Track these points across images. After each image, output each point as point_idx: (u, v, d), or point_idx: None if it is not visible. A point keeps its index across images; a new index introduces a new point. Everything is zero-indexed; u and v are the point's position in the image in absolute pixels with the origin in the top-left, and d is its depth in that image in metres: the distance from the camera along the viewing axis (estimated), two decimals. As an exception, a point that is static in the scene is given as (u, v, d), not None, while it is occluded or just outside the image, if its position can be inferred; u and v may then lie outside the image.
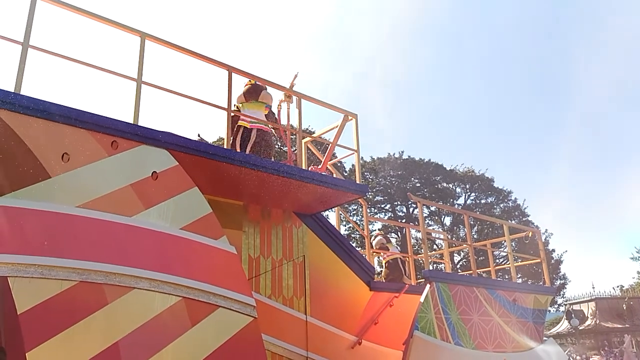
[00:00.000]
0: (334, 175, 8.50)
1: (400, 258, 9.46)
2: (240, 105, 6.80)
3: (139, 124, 4.86)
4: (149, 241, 4.58)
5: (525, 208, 40.78)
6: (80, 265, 4.12)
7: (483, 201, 40.83)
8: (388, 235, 10.15)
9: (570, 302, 38.96)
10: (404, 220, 35.97)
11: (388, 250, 9.60)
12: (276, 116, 7.36)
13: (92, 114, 4.50)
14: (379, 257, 9.15)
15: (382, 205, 39.48)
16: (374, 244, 9.66)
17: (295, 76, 7.38)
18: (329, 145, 7.79)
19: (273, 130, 7.18)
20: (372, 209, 38.14)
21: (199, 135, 6.72)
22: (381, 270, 9.00)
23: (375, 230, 33.99)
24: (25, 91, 4.30)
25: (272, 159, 6.69)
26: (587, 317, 36.57)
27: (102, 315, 4.13)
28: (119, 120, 4.65)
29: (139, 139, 4.75)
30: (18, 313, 3.79)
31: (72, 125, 4.37)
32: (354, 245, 8.67)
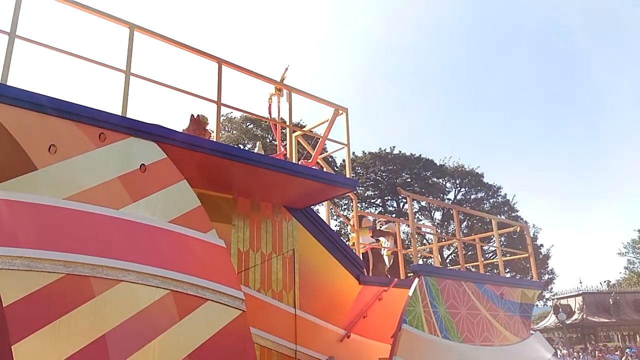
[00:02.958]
0: (324, 170, 8.49)
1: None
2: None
3: (127, 116, 4.82)
4: (136, 234, 4.55)
5: (514, 203, 41.08)
6: (67, 257, 4.10)
7: (473, 196, 41.03)
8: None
9: (558, 296, 39.36)
10: (394, 215, 36.07)
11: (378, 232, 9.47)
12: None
13: (80, 105, 4.46)
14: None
15: (373, 200, 39.56)
16: (363, 222, 9.36)
17: (286, 69, 7.35)
18: (319, 139, 7.79)
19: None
20: (363, 203, 38.21)
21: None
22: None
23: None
24: (11, 82, 4.26)
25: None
26: (574, 311, 36.97)
27: (89, 308, 4.11)
28: (106, 112, 4.62)
29: (127, 131, 4.72)
30: (4, 305, 3.76)
31: (59, 117, 4.33)
32: (344, 239, 8.68)
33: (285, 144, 7.62)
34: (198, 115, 6.18)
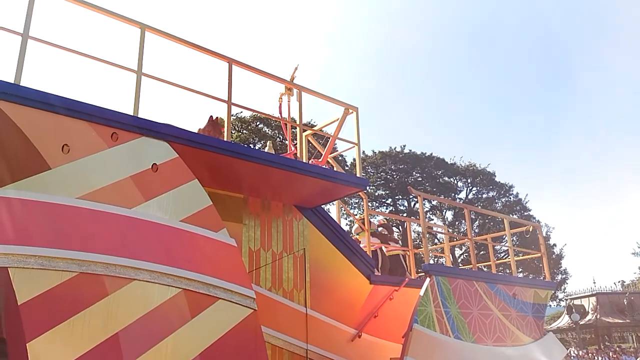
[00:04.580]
0: (335, 169, 8.48)
1: (401, 254, 9.41)
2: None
3: (139, 116, 4.85)
4: (149, 233, 4.58)
5: (526, 202, 40.75)
6: (81, 256, 4.13)
7: (484, 195, 40.79)
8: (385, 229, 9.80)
9: (571, 297, 39.01)
10: (405, 215, 35.97)
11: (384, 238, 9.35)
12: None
13: (92, 105, 4.50)
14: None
15: (384, 200, 39.48)
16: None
17: (296, 69, 7.35)
18: (329, 138, 7.78)
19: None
20: (374, 202, 38.15)
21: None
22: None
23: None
24: (25, 82, 4.30)
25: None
26: (588, 312, 36.61)
27: (102, 306, 4.14)
28: (119, 112, 4.65)
29: (139, 130, 4.75)
30: (18, 304, 3.80)
31: (72, 117, 4.37)
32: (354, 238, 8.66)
33: (296, 144, 7.62)
34: (217, 117, 6.20)
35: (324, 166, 7.67)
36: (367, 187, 7.30)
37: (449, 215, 39.30)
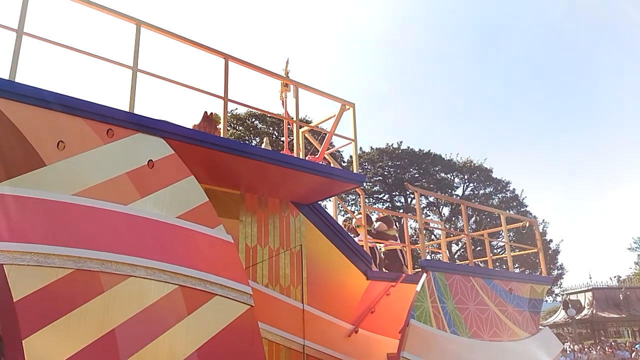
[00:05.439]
0: (332, 165, 8.48)
1: (400, 249, 9.44)
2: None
3: (135, 112, 4.84)
4: (145, 229, 4.57)
5: (523, 198, 40.83)
6: (77, 253, 4.13)
7: (481, 191, 40.84)
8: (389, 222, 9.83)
9: (568, 292, 39.19)
10: (402, 211, 36.00)
11: (386, 237, 9.44)
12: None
13: (88, 101, 4.48)
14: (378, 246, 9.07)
15: (380, 196, 39.50)
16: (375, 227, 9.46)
17: (287, 63, 7.35)
18: (326, 134, 7.78)
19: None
20: (370, 199, 38.16)
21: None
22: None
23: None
24: (20, 79, 4.28)
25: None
26: (584, 307, 36.79)
27: (98, 303, 4.14)
28: (114, 108, 4.63)
29: (135, 127, 4.74)
30: (14, 301, 3.79)
31: (67, 113, 4.35)
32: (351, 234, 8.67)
33: (291, 140, 7.61)
34: (212, 113, 6.18)
35: (321, 162, 7.66)
36: (364, 183, 7.31)
37: (445, 211, 39.36)
